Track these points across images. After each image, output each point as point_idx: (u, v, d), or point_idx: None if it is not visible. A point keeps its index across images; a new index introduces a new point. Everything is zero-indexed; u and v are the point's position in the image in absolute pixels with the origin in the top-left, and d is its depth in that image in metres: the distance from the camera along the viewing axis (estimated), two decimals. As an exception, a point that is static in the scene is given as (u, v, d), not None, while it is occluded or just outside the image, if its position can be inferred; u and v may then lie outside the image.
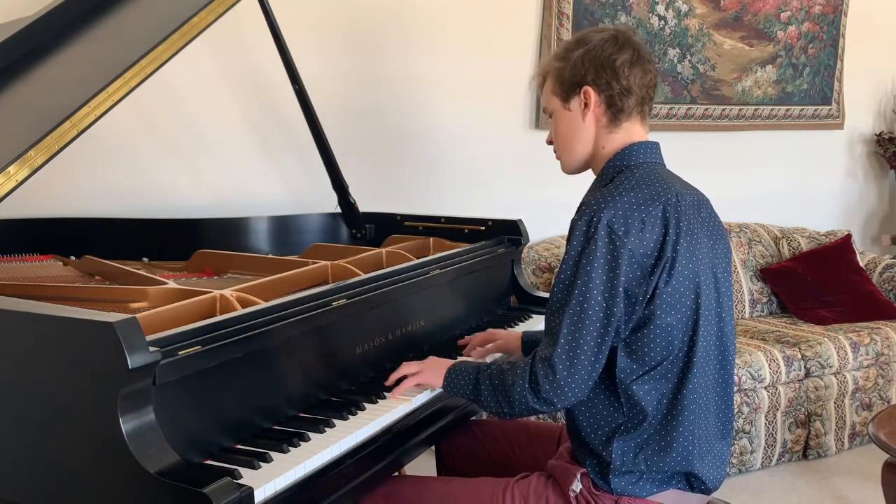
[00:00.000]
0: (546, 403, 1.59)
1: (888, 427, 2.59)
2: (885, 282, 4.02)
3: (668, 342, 1.58)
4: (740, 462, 3.29)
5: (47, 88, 1.89)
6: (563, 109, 1.73)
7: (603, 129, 1.71)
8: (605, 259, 1.54)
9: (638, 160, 1.68)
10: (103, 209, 2.64)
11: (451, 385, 1.73)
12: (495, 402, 1.66)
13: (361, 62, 3.20)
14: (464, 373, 1.72)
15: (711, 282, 1.63)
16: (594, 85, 1.68)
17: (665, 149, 1.75)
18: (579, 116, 1.71)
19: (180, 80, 2.68)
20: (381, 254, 2.29)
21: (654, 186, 1.61)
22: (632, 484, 1.60)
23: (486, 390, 1.66)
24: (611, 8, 3.80)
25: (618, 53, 1.67)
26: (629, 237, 1.54)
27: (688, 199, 1.63)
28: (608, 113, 1.70)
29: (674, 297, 1.57)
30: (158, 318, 1.55)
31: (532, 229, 2.63)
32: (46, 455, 1.33)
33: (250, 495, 1.27)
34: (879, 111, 5.00)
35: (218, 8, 1.94)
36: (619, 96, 1.68)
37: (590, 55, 1.68)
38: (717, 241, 1.68)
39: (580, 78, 1.69)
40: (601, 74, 1.67)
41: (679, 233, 1.57)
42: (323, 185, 2.68)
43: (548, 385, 1.56)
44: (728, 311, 1.69)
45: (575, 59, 1.69)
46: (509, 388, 1.61)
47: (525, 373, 1.60)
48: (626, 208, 1.56)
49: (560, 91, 1.73)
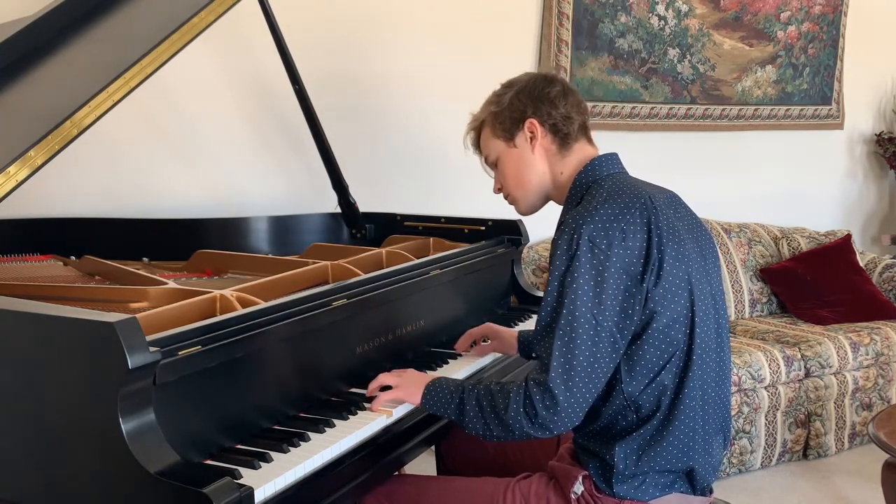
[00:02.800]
0: (542, 429, 1.54)
1: (888, 427, 2.59)
2: (885, 282, 4.02)
3: (668, 343, 1.57)
4: (740, 462, 3.29)
5: (47, 88, 1.89)
6: (509, 149, 1.75)
7: (555, 156, 1.73)
8: (591, 274, 1.52)
9: (603, 173, 1.69)
10: (103, 209, 2.63)
11: (431, 403, 1.67)
12: (482, 425, 1.60)
13: (362, 62, 3.20)
14: (445, 391, 1.66)
15: (703, 277, 1.63)
16: (536, 116, 1.72)
17: (665, 149, 1.76)
18: (528, 150, 1.74)
19: (180, 80, 2.68)
20: (381, 254, 2.29)
21: (626, 194, 1.61)
22: (634, 488, 1.59)
23: (471, 411, 1.61)
24: (611, 8, 3.80)
25: (549, 87, 1.72)
26: (612, 249, 1.53)
27: (661, 200, 1.63)
28: (556, 140, 1.72)
29: (666, 299, 1.56)
30: (158, 318, 1.55)
31: (532, 229, 2.63)
32: (46, 455, 1.33)
33: (250, 495, 1.27)
34: (879, 111, 5.00)
35: (218, 8, 1.94)
36: (563, 122, 1.71)
37: (524, 92, 1.73)
38: (698, 236, 1.67)
39: (520, 114, 1.72)
40: (539, 107, 1.71)
41: (661, 233, 1.56)
42: (323, 185, 2.68)
43: (545, 411, 1.52)
44: (722, 308, 1.69)
45: (509, 99, 1.74)
46: (502, 413, 1.56)
47: (519, 397, 1.54)
48: (604, 220, 1.55)
49: (501, 132, 1.75)
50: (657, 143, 4.02)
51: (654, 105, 4.01)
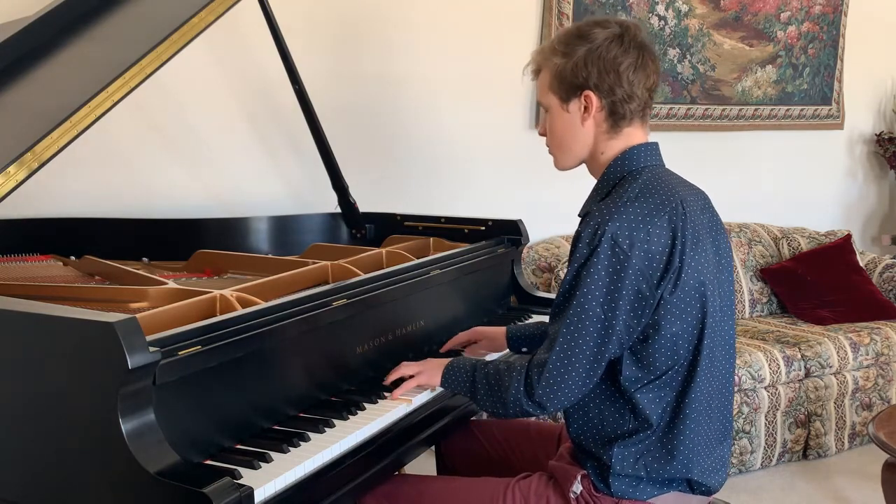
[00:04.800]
0: (538, 407, 1.58)
1: (888, 427, 2.59)
2: (885, 282, 4.02)
3: (674, 351, 1.57)
4: (740, 462, 3.29)
5: (47, 88, 1.88)
6: (561, 110, 1.66)
7: (603, 134, 1.66)
8: (607, 272, 1.52)
9: (639, 165, 1.64)
10: (103, 209, 2.63)
11: (449, 382, 1.73)
12: (490, 402, 1.65)
13: (362, 62, 3.20)
14: (461, 369, 1.72)
15: (716, 287, 1.62)
16: (596, 90, 1.61)
17: (665, 149, 1.74)
18: (578, 120, 1.65)
19: (180, 79, 2.68)
20: (381, 254, 2.29)
21: (658, 194, 1.57)
22: (632, 487, 1.60)
23: (482, 389, 1.66)
24: (611, 8, 3.80)
25: (623, 56, 1.60)
26: (633, 250, 1.51)
27: (691, 202, 1.61)
28: (609, 119, 1.64)
29: (679, 308, 1.55)
30: (158, 318, 1.55)
31: (532, 229, 2.63)
32: (46, 455, 1.33)
33: (250, 495, 1.27)
34: (879, 111, 5.00)
35: (218, 8, 1.94)
36: (622, 102, 1.62)
37: (593, 55, 1.60)
38: (719, 240, 1.67)
39: (582, 81, 1.61)
40: (604, 79, 1.60)
41: (685, 241, 1.55)
42: (323, 185, 2.67)
43: (540, 389, 1.56)
44: (731, 315, 1.68)
45: (577, 58, 1.61)
46: (504, 390, 1.61)
47: (521, 375, 1.59)
48: (631, 220, 1.52)
49: (559, 90, 1.65)
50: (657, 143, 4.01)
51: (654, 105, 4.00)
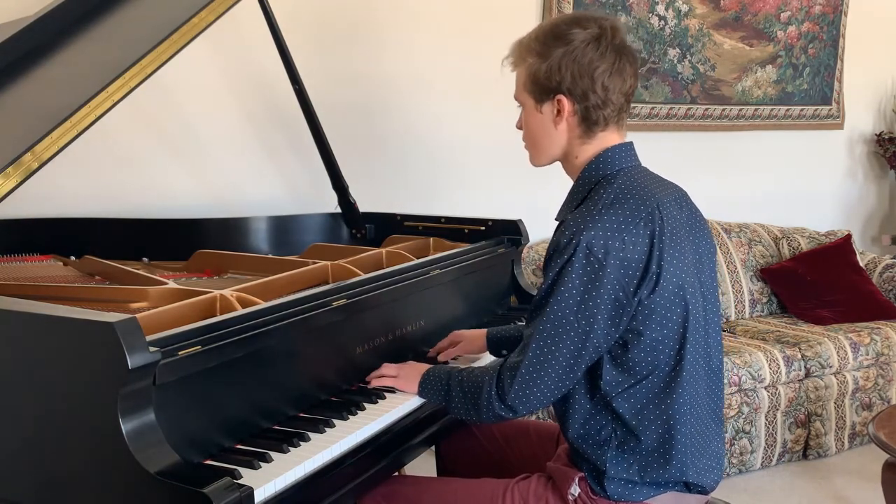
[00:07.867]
0: (510, 410, 1.58)
1: (888, 427, 2.59)
2: (885, 282, 4.02)
3: (654, 356, 1.56)
4: (740, 462, 3.29)
5: (47, 88, 1.89)
6: (535, 110, 1.64)
7: (576, 139, 1.63)
8: (582, 281, 1.51)
9: (614, 168, 1.62)
10: (103, 209, 2.63)
11: (425, 391, 1.73)
12: (464, 408, 1.65)
13: (361, 62, 3.20)
14: (436, 378, 1.72)
15: (697, 288, 1.61)
16: (569, 94, 1.59)
17: (665, 149, 1.75)
18: (551, 122, 1.63)
19: (180, 79, 2.68)
20: (381, 254, 2.29)
21: (634, 199, 1.55)
22: (628, 490, 1.60)
23: (456, 396, 1.66)
24: (611, 8, 3.80)
25: (599, 60, 1.57)
26: (609, 259, 1.49)
27: (668, 202, 1.60)
28: (583, 124, 1.62)
29: (658, 313, 1.54)
30: (158, 318, 1.55)
31: (532, 229, 2.63)
32: (46, 455, 1.33)
33: (250, 495, 1.27)
34: (879, 111, 5.00)
35: (218, 8, 1.94)
36: (595, 108, 1.59)
37: (568, 59, 1.57)
38: (699, 237, 1.65)
39: (555, 84, 1.59)
40: (577, 83, 1.57)
41: (663, 246, 1.53)
42: (323, 185, 2.67)
43: (513, 393, 1.56)
44: (716, 312, 1.67)
45: (552, 60, 1.58)
46: (478, 395, 1.61)
47: (493, 380, 1.59)
48: (606, 229, 1.51)
49: (533, 91, 1.63)
50: (657, 143, 4.00)
51: (654, 105, 4.01)
